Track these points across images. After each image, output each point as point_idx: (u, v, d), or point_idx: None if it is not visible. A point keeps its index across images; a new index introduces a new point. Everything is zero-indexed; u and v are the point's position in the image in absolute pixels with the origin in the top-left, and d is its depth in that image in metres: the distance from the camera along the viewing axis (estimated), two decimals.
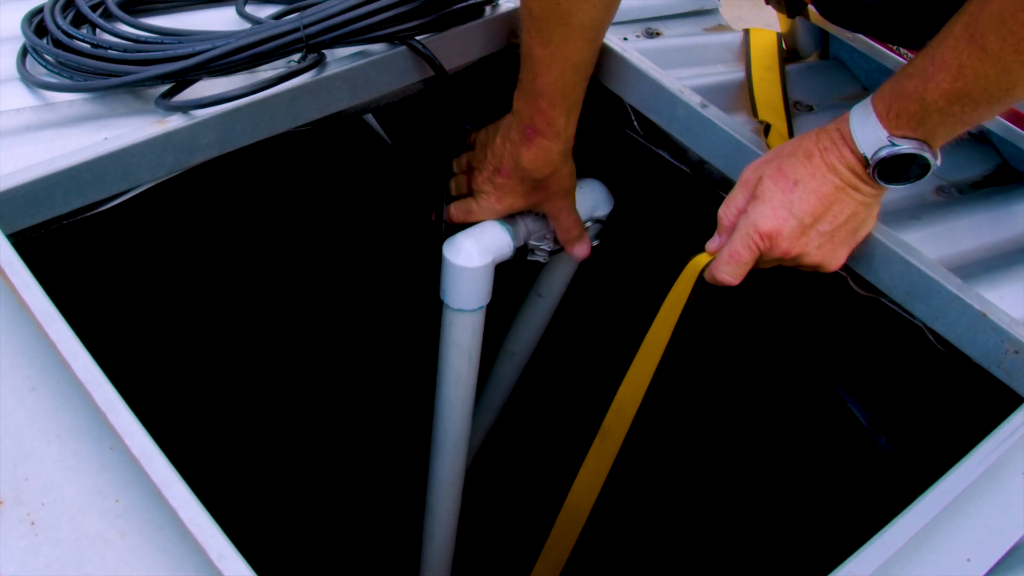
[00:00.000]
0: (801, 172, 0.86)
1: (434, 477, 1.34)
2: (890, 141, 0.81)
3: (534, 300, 1.34)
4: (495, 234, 1.10)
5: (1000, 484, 0.76)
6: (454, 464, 1.31)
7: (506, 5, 1.15)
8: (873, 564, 0.69)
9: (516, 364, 1.44)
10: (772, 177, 0.88)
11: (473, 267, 1.07)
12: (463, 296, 1.10)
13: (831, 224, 0.87)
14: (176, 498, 0.63)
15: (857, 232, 0.90)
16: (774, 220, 0.87)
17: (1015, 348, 0.87)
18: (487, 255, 1.08)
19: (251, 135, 1.00)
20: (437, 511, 1.38)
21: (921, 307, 0.92)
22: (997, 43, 0.73)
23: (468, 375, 1.20)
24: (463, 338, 1.15)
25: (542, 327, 1.38)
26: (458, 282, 1.09)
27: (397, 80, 1.09)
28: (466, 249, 1.08)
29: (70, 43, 1.00)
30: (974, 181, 1.10)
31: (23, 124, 0.96)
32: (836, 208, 0.86)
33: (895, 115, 0.81)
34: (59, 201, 0.90)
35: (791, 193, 0.86)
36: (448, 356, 1.18)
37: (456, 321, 1.13)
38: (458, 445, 1.28)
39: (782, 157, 0.88)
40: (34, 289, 0.75)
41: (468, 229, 1.10)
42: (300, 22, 0.98)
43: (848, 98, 1.20)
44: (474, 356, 1.18)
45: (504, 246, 1.11)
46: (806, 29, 1.27)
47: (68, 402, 0.69)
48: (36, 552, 0.62)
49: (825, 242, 0.88)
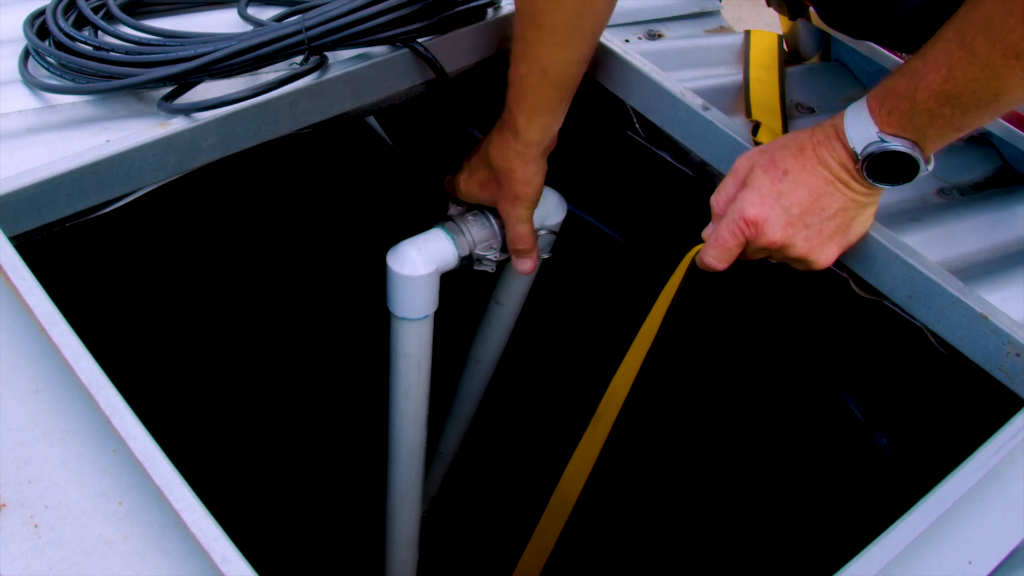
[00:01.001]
0: (792, 163, 0.87)
1: (392, 487, 1.34)
2: (879, 138, 0.81)
3: (493, 308, 1.34)
4: (439, 243, 1.10)
5: (1001, 487, 0.76)
6: (410, 473, 1.31)
7: (507, 8, 1.15)
8: (875, 567, 0.69)
9: (483, 371, 1.45)
10: (763, 166, 0.88)
11: (416, 275, 1.08)
12: (408, 305, 1.10)
13: (818, 217, 0.87)
14: (179, 501, 0.63)
15: (848, 230, 0.90)
16: (761, 207, 0.88)
17: (1016, 351, 0.87)
18: (430, 264, 1.08)
19: (253, 137, 1.00)
20: (396, 519, 1.38)
21: (922, 310, 0.92)
22: (986, 47, 0.73)
23: (418, 384, 1.19)
24: (411, 347, 1.15)
25: (505, 334, 1.38)
26: (402, 291, 1.09)
27: (399, 82, 1.09)
28: (410, 258, 1.08)
29: (72, 45, 1.00)
30: (975, 183, 1.10)
31: (25, 126, 0.96)
32: (824, 201, 0.86)
33: (886, 112, 0.81)
34: (61, 204, 0.90)
35: (780, 183, 0.87)
36: (397, 365, 1.17)
37: (403, 330, 1.13)
38: (413, 454, 1.28)
39: (775, 149, 0.89)
40: (37, 291, 0.75)
41: (412, 238, 1.10)
42: (302, 24, 0.98)
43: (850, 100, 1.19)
44: (423, 365, 1.18)
45: (448, 255, 1.11)
46: (807, 31, 1.27)
47: (71, 405, 0.69)
48: (39, 555, 0.62)
49: (812, 235, 0.88)
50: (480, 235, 1.14)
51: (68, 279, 0.97)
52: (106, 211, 0.93)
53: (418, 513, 1.40)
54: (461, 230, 1.12)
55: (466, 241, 1.12)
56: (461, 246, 1.12)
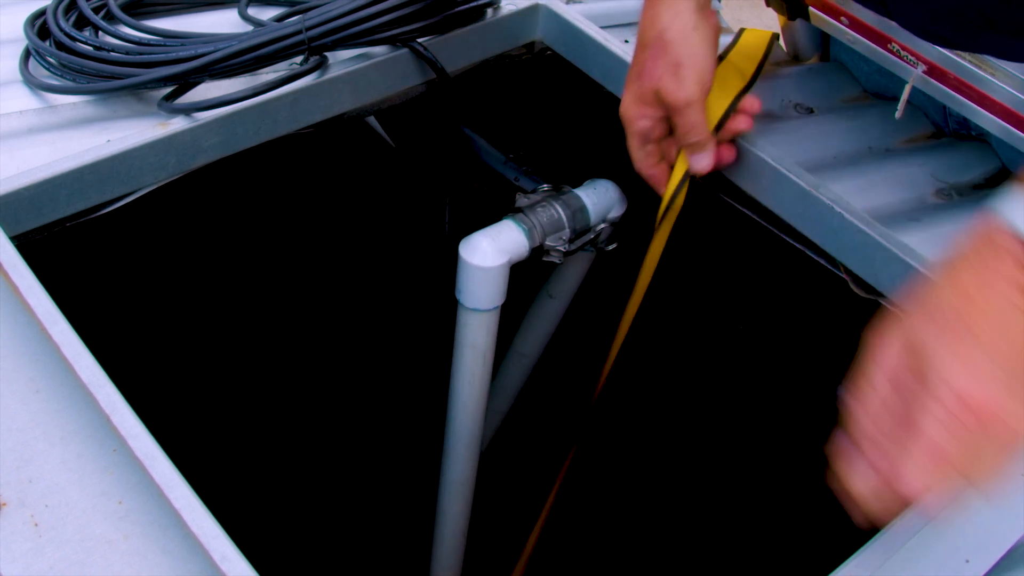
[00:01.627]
0: (970, 309, 0.59)
1: (446, 479, 1.34)
2: None
3: (544, 301, 1.34)
4: (511, 234, 1.10)
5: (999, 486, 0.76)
6: (466, 466, 1.31)
7: (507, 8, 1.15)
8: (872, 565, 0.69)
9: (524, 365, 1.44)
10: (936, 335, 0.59)
11: (488, 267, 1.08)
12: (478, 296, 1.10)
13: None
14: (179, 500, 0.63)
15: None
16: (975, 380, 0.57)
17: None
18: (503, 255, 1.08)
19: (253, 137, 1.00)
20: (448, 513, 1.38)
21: None
22: None
23: (482, 375, 1.20)
24: (478, 338, 1.15)
25: (552, 328, 1.38)
26: (474, 281, 1.09)
27: (399, 82, 1.10)
28: (482, 248, 1.08)
29: (73, 45, 1.00)
30: (974, 184, 1.10)
31: (26, 126, 0.96)
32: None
33: None
34: (62, 203, 0.90)
35: (975, 343, 0.58)
36: (462, 356, 1.18)
37: (471, 321, 1.13)
38: (470, 447, 1.28)
39: (930, 308, 0.61)
40: (37, 291, 0.76)
41: (484, 229, 1.10)
42: (302, 24, 0.98)
43: (849, 100, 1.20)
44: (488, 356, 1.18)
45: (520, 246, 1.11)
46: (806, 31, 1.27)
47: (71, 404, 0.70)
48: (40, 554, 0.62)
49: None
50: (550, 226, 1.14)
51: (69, 279, 0.98)
52: (107, 211, 0.94)
53: (469, 507, 1.40)
54: (531, 221, 1.13)
55: (537, 232, 1.13)
56: (532, 237, 1.12)
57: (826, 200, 0.96)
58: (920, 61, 1.06)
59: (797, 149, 1.07)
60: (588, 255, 1.28)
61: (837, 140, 1.11)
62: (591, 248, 1.23)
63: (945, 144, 1.14)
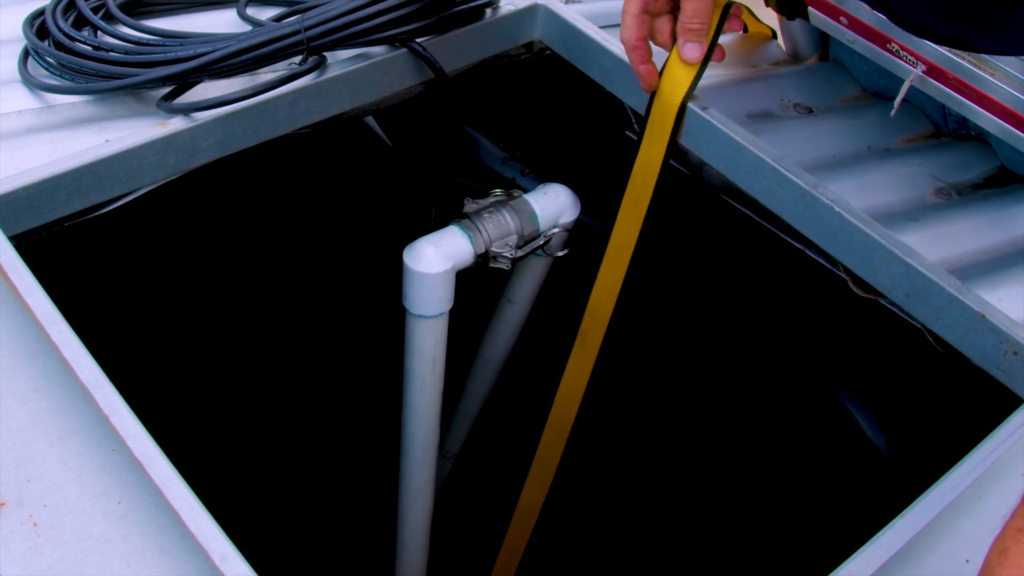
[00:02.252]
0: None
1: (404, 484, 1.34)
2: None
3: (505, 306, 1.34)
4: (455, 240, 1.10)
5: (999, 485, 0.76)
6: (423, 471, 1.31)
7: (506, 8, 1.15)
8: (872, 565, 0.69)
9: (491, 370, 1.45)
10: None
11: (432, 273, 1.08)
12: (424, 302, 1.11)
13: None
14: (178, 499, 0.63)
15: None
16: None
17: (1014, 349, 0.87)
18: (447, 261, 1.09)
19: (252, 137, 1.00)
20: (408, 518, 1.38)
21: (920, 308, 0.92)
22: None
23: (433, 382, 1.20)
24: (426, 344, 1.15)
25: (515, 333, 1.38)
26: (418, 288, 1.09)
27: (398, 82, 1.10)
28: (426, 255, 1.08)
29: (71, 45, 1.00)
30: (973, 183, 1.10)
31: (25, 126, 0.96)
32: None
33: None
34: (61, 203, 0.90)
35: None
36: (412, 363, 1.18)
37: (418, 327, 1.13)
38: (426, 451, 1.28)
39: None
40: (36, 291, 0.76)
41: (428, 235, 1.10)
42: (301, 24, 0.98)
43: (848, 100, 1.20)
44: (438, 362, 1.18)
45: (464, 252, 1.11)
46: (806, 31, 1.27)
47: (70, 404, 0.70)
48: (39, 553, 0.62)
49: None
50: (496, 232, 1.14)
51: (67, 279, 0.98)
52: (105, 211, 0.94)
53: (430, 512, 1.40)
54: (477, 227, 1.13)
55: (482, 238, 1.12)
56: (477, 243, 1.12)
57: (825, 200, 0.96)
58: (919, 61, 1.06)
59: (796, 149, 1.07)
60: (544, 260, 1.27)
61: (836, 140, 1.11)
62: (542, 253, 1.22)
63: (944, 144, 1.14)
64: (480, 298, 1.31)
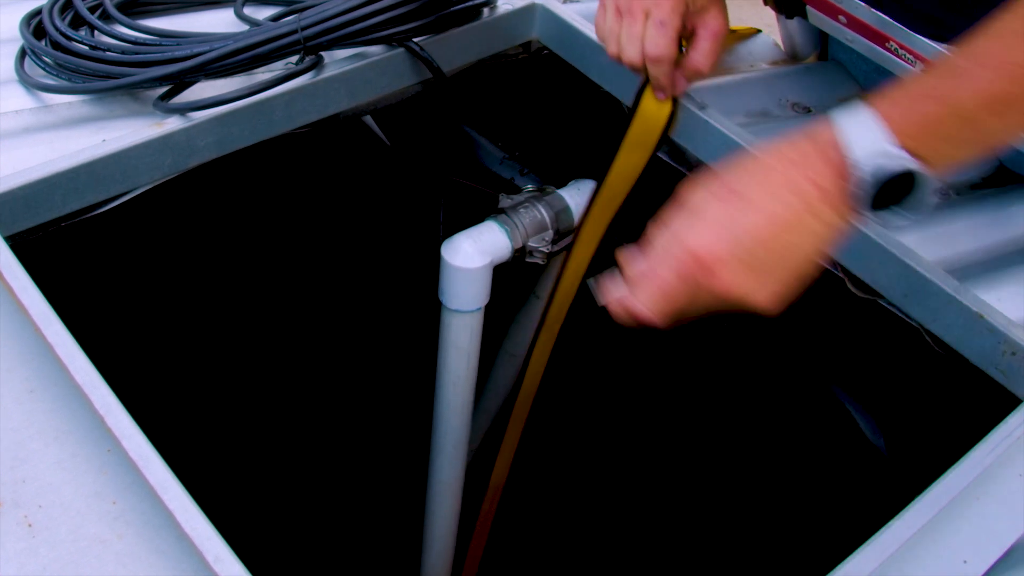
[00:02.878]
0: (754, 189, 0.67)
1: (434, 479, 1.34)
2: (899, 153, 0.64)
3: (532, 302, 1.34)
4: (493, 235, 1.10)
5: (997, 486, 0.76)
6: (453, 466, 1.31)
7: (504, 7, 1.15)
8: (869, 566, 0.69)
9: (515, 366, 1.44)
10: (715, 192, 0.68)
11: (471, 268, 1.08)
12: (461, 297, 1.11)
13: (778, 256, 0.67)
14: (173, 500, 0.63)
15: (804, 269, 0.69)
16: (708, 239, 0.67)
17: (1012, 349, 0.87)
18: (485, 256, 1.09)
19: (249, 137, 1.00)
20: (437, 513, 1.38)
21: (918, 309, 0.92)
22: None
23: (467, 377, 1.20)
24: (461, 339, 1.15)
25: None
26: (456, 283, 1.09)
27: (395, 82, 1.09)
28: (464, 250, 1.08)
29: (68, 45, 1.00)
30: (972, 183, 1.10)
31: (21, 126, 0.96)
32: (787, 238, 0.66)
33: (910, 122, 0.64)
34: (57, 203, 0.90)
35: (735, 212, 0.67)
36: (447, 358, 1.18)
37: (454, 322, 1.13)
38: (458, 447, 1.28)
39: (732, 172, 0.70)
40: (32, 292, 0.76)
41: (466, 230, 1.10)
42: (298, 24, 0.98)
43: (846, 100, 1.20)
44: (473, 357, 1.18)
45: (502, 247, 1.11)
46: (804, 30, 1.27)
47: (66, 404, 0.70)
48: (34, 554, 0.62)
49: (769, 282, 0.68)
50: (532, 227, 1.14)
51: (63, 279, 0.97)
52: (102, 211, 0.94)
53: (458, 508, 1.40)
54: (514, 222, 1.13)
55: (519, 233, 1.13)
56: (515, 238, 1.12)
57: None
58: (918, 59, 1.05)
59: None
60: None
61: None
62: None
63: None
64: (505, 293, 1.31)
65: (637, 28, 0.87)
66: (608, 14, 0.90)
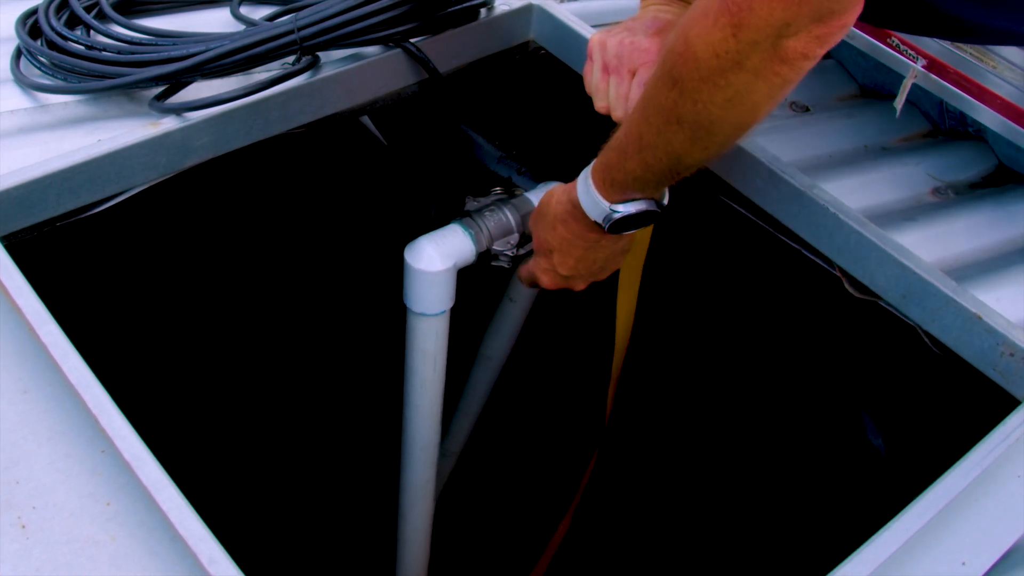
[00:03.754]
0: (553, 241, 0.98)
1: (405, 483, 1.34)
2: (612, 210, 0.89)
3: (506, 304, 1.34)
4: (457, 238, 1.10)
5: (996, 487, 0.76)
6: (424, 469, 1.30)
7: (500, 8, 1.15)
8: (867, 568, 0.68)
9: (492, 369, 1.44)
10: (536, 247, 1.02)
11: (433, 271, 1.07)
12: (425, 300, 1.10)
13: (588, 268, 1.00)
14: (167, 501, 0.63)
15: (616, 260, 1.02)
16: (543, 277, 1.03)
17: (1010, 350, 0.86)
18: (448, 259, 1.08)
19: (245, 137, 1.00)
20: (409, 517, 1.38)
21: (916, 310, 0.92)
22: (656, 116, 0.79)
23: (434, 380, 1.19)
24: (427, 343, 1.15)
25: (515, 331, 1.38)
26: (419, 286, 1.09)
27: (392, 82, 1.09)
28: (427, 253, 1.07)
29: (64, 45, 1.00)
30: (971, 183, 1.10)
31: (17, 126, 0.95)
32: (590, 256, 0.98)
33: (608, 186, 0.88)
34: (52, 203, 0.90)
35: (551, 259, 1.00)
36: (413, 361, 1.17)
37: (419, 326, 1.13)
38: (427, 450, 1.28)
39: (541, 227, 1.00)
40: (26, 291, 0.75)
41: (430, 233, 1.10)
42: (294, 24, 0.98)
43: (845, 99, 1.19)
44: (439, 361, 1.18)
45: (466, 251, 1.10)
46: None
47: (59, 405, 0.69)
48: (27, 555, 0.62)
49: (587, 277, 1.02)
50: (498, 230, 1.14)
51: (58, 279, 0.97)
52: (97, 211, 0.93)
53: (431, 510, 1.40)
54: (479, 225, 1.12)
55: (483, 236, 1.12)
56: (479, 241, 1.11)
57: (820, 201, 0.95)
58: (920, 55, 1.05)
59: (792, 148, 1.06)
60: None
61: (833, 139, 1.10)
62: None
63: (942, 142, 1.14)
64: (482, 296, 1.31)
65: (624, 87, 0.95)
66: (596, 70, 0.96)
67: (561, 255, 0.99)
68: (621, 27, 0.95)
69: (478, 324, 1.39)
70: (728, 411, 1.58)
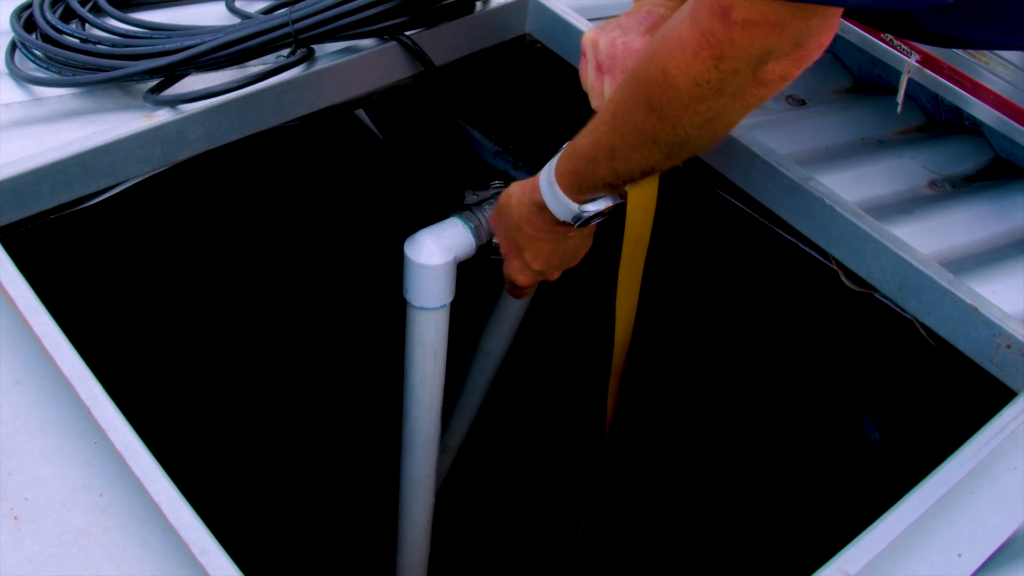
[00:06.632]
0: (523, 241, 1.01)
1: (405, 477, 1.33)
2: (582, 211, 0.92)
3: (505, 298, 1.34)
4: (456, 232, 1.10)
5: (992, 479, 0.75)
6: (424, 464, 1.30)
7: (496, 1, 1.15)
8: (862, 560, 0.68)
9: (491, 363, 1.44)
10: (504, 246, 1.05)
11: (434, 265, 1.07)
12: (425, 294, 1.10)
13: (559, 259, 1.03)
14: (160, 493, 0.63)
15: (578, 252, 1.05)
16: (519, 276, 1.06)
17: (1007, 342, 0.86)
18: (448, 253, 1.08)
19: (239, 130, 1.00)
20: (410, 511, 1.38)
21: (913, 302, 0.92)
22: (630, 132, 0.81)
23: (434, 374, 1.19)
24: (427, 336, 1.14)
25: (515, 325, 1.38)
26: (419, 280, 1.09)
27: (387, 76, 1.09)
28: (427, 247, 1.07)
29: (59, 38, 1.00)
30: (967, 175, 1.10)
31: (11, 119, 0.95)
32: (560, 248, 1.02)
33: (576, 190, 0.91)
34: (46, 195, 0.90)
35: (522, 257, 1.03)
36: (413, 355, 1.17)
37: (419, 319, 1.13)
38: (427, 445, 1.28)
39: (508, 229, 1.02)
40: (19, 283, 0.75)
41: (430, 227, 1.10)
42: (289, 17, 0.98)
43: (841, 92, 1.19)
44: (439, 354, 1.18)
45: (466, 244, 1.10)
46: None
47: (52, 396, 0.69)
48: (19, 546, 0.61)
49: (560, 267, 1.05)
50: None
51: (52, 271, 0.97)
52: (91, 203, 0.93)
53: (431, 505, 1.39)
54: (478, 218, 1.12)
55: (483, 230, 1.12)
56: (479, 235, 1.11)
57: (816, 193, 0.95)
58: (913, 50, 1.05)
59: (789, 141, 1.06)
60: None
61: (829, 132, 1.10)
62: None
63: (938, 135, 1.14)
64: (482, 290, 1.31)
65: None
66: (590, 69, 0.96)
67: (532, 251, 1.02)
68: (614, 23, 0.95)
69: (478, 318, 1.39)
70: (723, 403, 1.58)
